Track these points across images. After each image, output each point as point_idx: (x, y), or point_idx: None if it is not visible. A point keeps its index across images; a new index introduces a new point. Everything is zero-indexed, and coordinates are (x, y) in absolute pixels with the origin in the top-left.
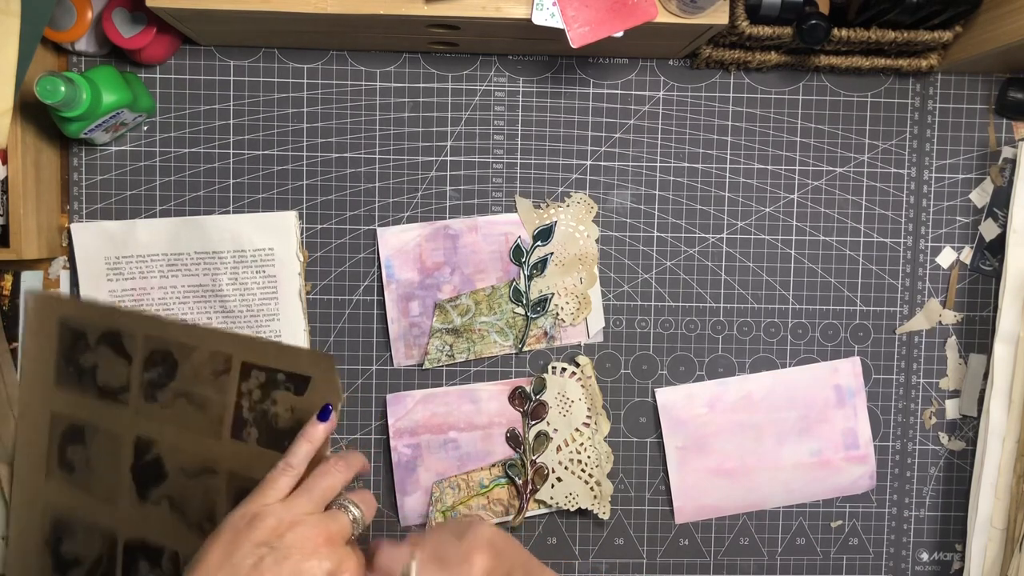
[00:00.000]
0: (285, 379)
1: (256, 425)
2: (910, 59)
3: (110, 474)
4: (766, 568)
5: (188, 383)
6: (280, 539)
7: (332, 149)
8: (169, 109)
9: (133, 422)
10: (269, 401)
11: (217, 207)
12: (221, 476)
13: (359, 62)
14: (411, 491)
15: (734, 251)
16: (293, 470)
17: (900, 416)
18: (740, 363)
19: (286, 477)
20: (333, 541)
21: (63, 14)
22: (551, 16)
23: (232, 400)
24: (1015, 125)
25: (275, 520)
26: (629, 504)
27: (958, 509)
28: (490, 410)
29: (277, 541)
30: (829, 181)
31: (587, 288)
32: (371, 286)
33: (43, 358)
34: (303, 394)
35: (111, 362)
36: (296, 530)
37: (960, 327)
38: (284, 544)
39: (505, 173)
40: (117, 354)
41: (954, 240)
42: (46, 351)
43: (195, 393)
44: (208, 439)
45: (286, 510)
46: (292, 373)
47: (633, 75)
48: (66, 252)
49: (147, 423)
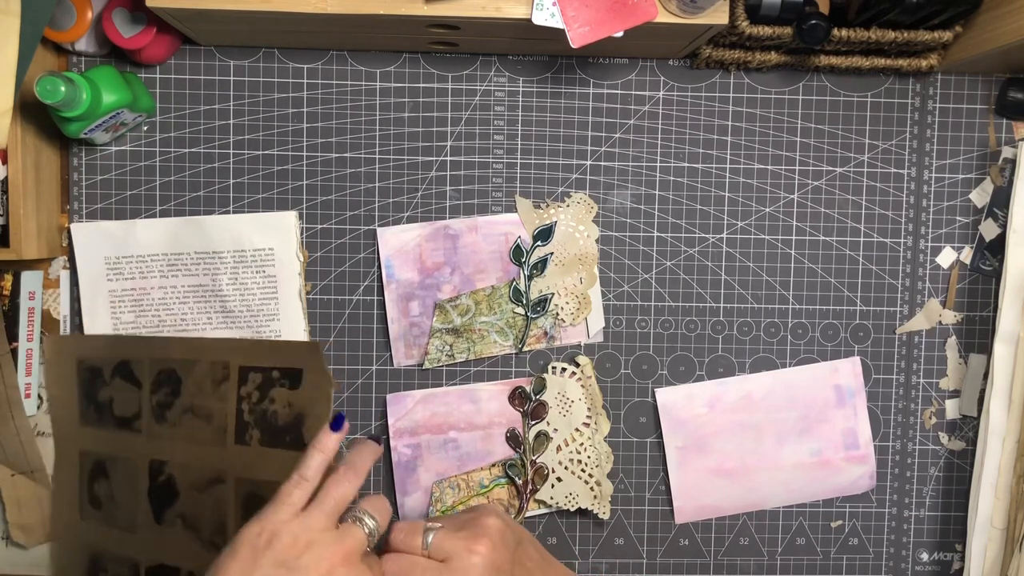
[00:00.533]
0: (280, 376)
1: (257, 426)
2: (910, 59)
3: (130, 503)
4: (766, 568)
5: (192, 397)
6: (297, 559)
7: (332, 149)
8: (169, 109)
9: (147, 447)
10: (267, 401)
11: (217, 207)
12: (229, 484)
13: (359, 62)
14: (411, 491)
15: (734, 251)
16: (307, 482)
17: (900, 416)
18: (740, 363)
19: (300, 490)
20: (350, 559)
21: (63, 14)
22: (551, 16)
23: (233, 407)
24: (1015, 125)
25: (291, 539)
26: (629, 504)
27: (958, 509)
28: (490, 410)
29: (294, 562)
30: (829, 181)
31: (587, 288)
32: (371, 286)
33: (67, 400)
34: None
35: (124, 392)
36: (313, 550)
37: (960, 327)
38: (301, 565)
39: (505, 173)
40: (129, 383)
41: (954, 240)
42: (68, 393)
43: (199, 406)
44: (214, 448)
45: (302, 527)
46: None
47: (633, 75)
48: (66, 252)
49: (159, 445)
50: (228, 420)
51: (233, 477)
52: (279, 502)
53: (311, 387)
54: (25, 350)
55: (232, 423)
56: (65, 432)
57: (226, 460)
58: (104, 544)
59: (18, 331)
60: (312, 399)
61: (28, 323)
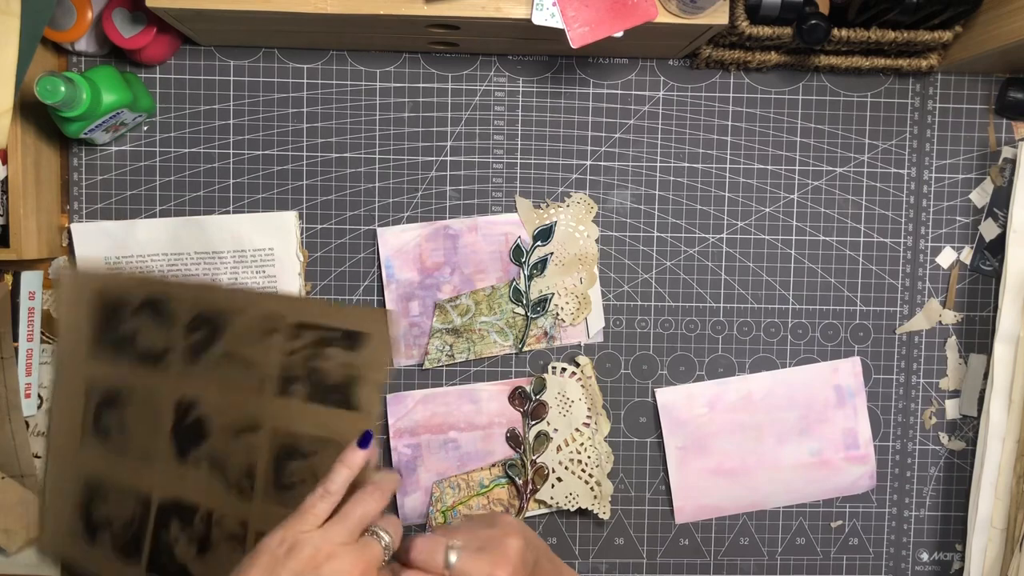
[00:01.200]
0: (340, 336)
1: (305, 381)
2: (910, 59)
3: (147, 436)
4: (766, 568)
5: (234, 344)
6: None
7: (332, 149)
8: (169, 109)
9: (176, 384)
10: (319, 358)
11: (217, 207)
12: (264, 433)
13: (359, 62)
14: (411, 491)
15: (734, 251)
16: (331, 496)
17: (900, 416)
18: (740, 363)
19: (324, 503)
20: (368, 573)
21: (63, 14)
22: (551, 16)
23: (277, 358)
24: (1015, 125)
25: (312, 550)
26: (629, 504)
27: (958, 509)
28: (490, 410)
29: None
30: (829, 181)
31: (587, 288)
32: (371, 286)
33: (77, 328)
34: (356, 350)
35: (152, 327)
36: (333, 563)
37: (960, 327)
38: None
39: (505, 173)
40: (158, 319)
41: (954, 240)
42: (80, 322)
43: (240, 353)
44: (253, 397)
45: (324, 540)
46: (346, 330)
47: (633, 75)
48: (66, 252)
49: (190, 385)
50: (270, 371)
51: (269, 427)
52: (302, 513)
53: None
54: (25, 350)
55: (275, 374)
56: (70, 361)
57: (264, 410)
58: (104, 471)
59: (18, 331)
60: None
61: (28, 323)
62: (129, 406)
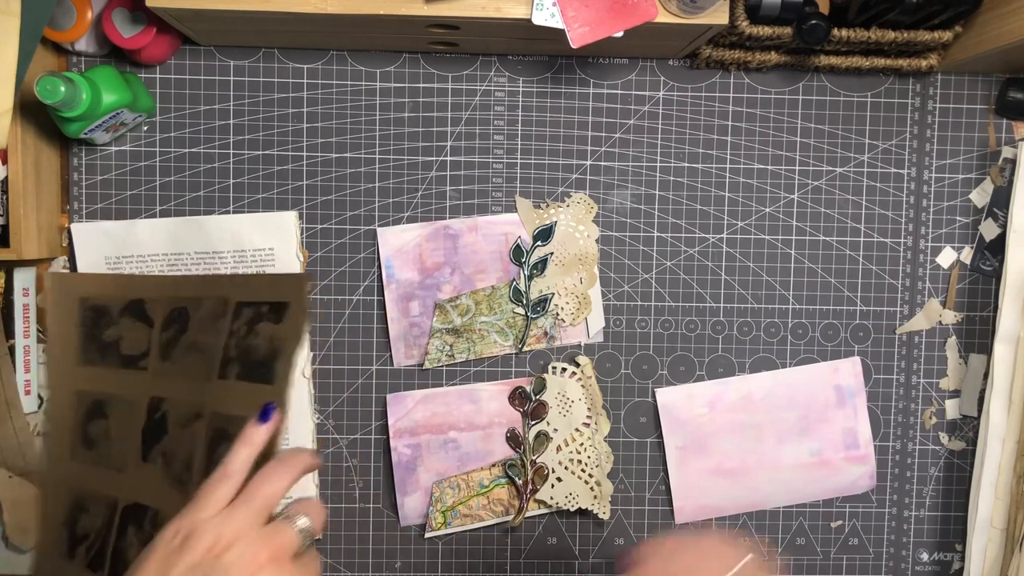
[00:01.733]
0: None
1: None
2: (910, 59)
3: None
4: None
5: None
6: (217, 559)
7: (332, 149)
8: (169, 109)
9: (150, 384)
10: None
11: (217, 207)
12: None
13: (359, 62)
14: (411, 491)
15: (734, 251)
16: (231, 478)
17: (900, 416)
18: (740, 363)
19: (224, 486)
20: (278, 558)
21: (63, 14)
22: (551, 16)
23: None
24: (1015, 125)
25: (211, 538)
26: (629, 504)
27: (958, 509)
28: (490, 410)
29: (214, 562)
30: (829, 181)
31: (587, 288)
32: (371, 286)
33: (66, 338)
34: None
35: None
36: (235, 548)
37: (960, 327)
38: (222, 565)
39: (505, 173)
40: (140, 322)
41: (954, 240)
42: (68, 331)
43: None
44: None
45: (224, 525)
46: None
47: (633, 75)
48: (66, 252)
49: (161, 382)
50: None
51: (210, 412)
52: (200, 498)
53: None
54: (22, 346)
55: (219, 357)
56: (61, 371)
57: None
58: (90, 485)
59: (14, 328)
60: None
61: (24, 320)
62: (112, 415)
